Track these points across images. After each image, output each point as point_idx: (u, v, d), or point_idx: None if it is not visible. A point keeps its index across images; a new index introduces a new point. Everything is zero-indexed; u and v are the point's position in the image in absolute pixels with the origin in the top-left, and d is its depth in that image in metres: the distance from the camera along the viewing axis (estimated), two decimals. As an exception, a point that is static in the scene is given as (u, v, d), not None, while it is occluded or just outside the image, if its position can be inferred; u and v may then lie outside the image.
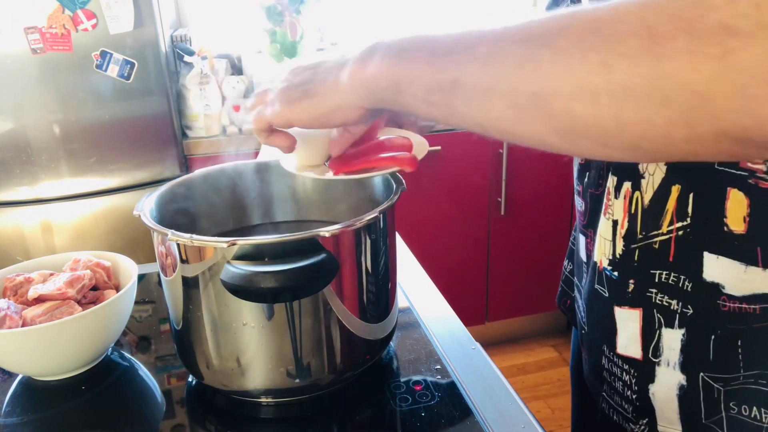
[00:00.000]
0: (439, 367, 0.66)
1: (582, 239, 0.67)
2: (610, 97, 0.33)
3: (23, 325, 0.64)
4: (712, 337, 0.53)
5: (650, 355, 0.57)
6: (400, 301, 0.80)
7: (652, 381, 0.57)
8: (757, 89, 0.28)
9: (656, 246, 0.55)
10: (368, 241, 0.58)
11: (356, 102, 0.46)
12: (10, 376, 0.69)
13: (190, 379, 0.67)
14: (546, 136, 0.37)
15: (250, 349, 0.57)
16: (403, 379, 0.64)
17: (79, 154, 1.70)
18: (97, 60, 1.64)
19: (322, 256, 0.53)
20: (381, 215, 0.58)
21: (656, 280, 0.56)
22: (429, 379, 0.64)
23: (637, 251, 0.57)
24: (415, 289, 0.84)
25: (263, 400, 0.62)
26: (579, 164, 0.66)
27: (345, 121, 0.48)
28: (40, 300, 0.67)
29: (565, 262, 0.77)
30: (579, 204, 0.67)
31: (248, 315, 0.56)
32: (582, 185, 0.66)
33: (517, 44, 0.36)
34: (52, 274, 0.72)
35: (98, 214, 1.76)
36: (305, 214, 0.78)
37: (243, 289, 0.52)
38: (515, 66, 0.36)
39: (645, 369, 0.58)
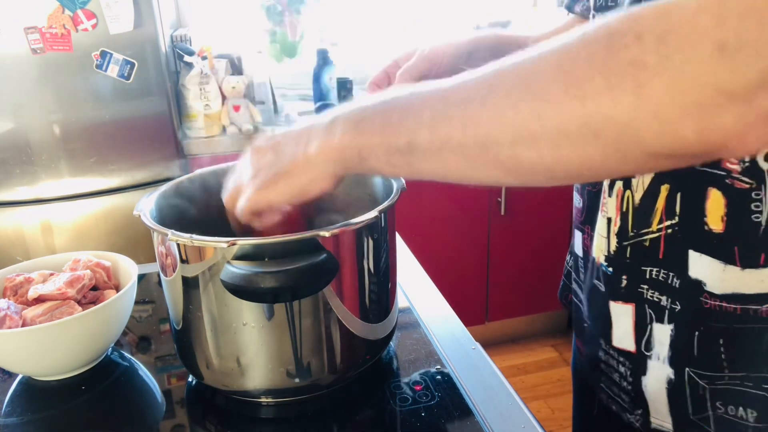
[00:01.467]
0: (439, 367, 0.66)
1: (578, 235, 0.68)
2: (546, 140, 0.36)
3: (23, 325, 0.64)
4: (696, 333, 0.55)
5: (643, 349, 0.59)
6: (400, 301, 0.80)
7: (645, 374, 0.59)
8: (671, 113, 0.32)
9: (647, 243, 0.57)
10: (368, 241, 0.58)
11: (329, 173, 0.49)
12: (10, 376, 0.69)
13: (190, 379, 0.67)
14: (501, 178, 0.41)
15: (250, 349, 0.57)
16: (403, 379, 0.64)
17: (79, 154, 1.70)
18: (97, 60, 1.64)
19: (322, 256, 0.53)
20: (381, 215, 0.58)
21: (647, 277, 0.57)
22: (429, 379, 0.64)
23: (629, 248, 0.58)
24: (415, 289, 0.84)
25: (263, 400, 0.62)
26: None
27: (322, 190, 0.51)
28: (40, 300, 0.67)
29: (568, 257, 0.78)
30: (577, 201, 0.69)
31: (248, 315, 0.56)
32: (580, 183, 0.67)
33: (456, 106, 0.40)
34: (52, 274, 0.72)
35: (98, 214, 1.76)
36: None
37: (243, 289, 0.52)
38: (460, 126, 0.39)
39: (638, 362, 0.60)
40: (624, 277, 0.59)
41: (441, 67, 0.71)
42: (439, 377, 0.64)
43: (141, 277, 0.87)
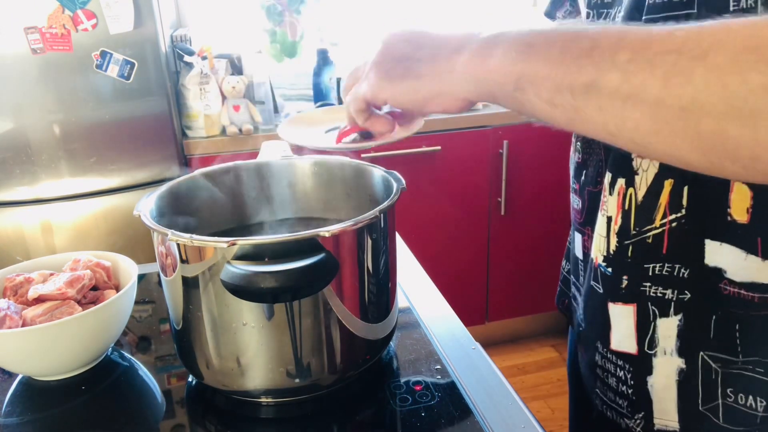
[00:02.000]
0: (439, 367, 0.66)
1: (578, 237, 0.68)
2: None
3: (23, 325, 0.64)
4: (713, 317, 0.54)
5: (646, 349, 0.58)
6: (400, 301, 0.80)
7: (650, 373, 0.59)
8: None
9: (649, 240, 0.57)
10: (368, 241, 0.58)
11: (463, 93, 0.43)
12: (10, 376, 0.69)
13: (190, 379, 0.67)
14: (686, 153, 0.35)
15: (250, 349, 0.57)
16: (403, 379, 0.64)
17: (79, 154, 1.70)
18: (97, 60, 1.64)
19: (322, 256, 0.53)
20: (381, 215, 0.58)
21: (650, 274, 0.57)
22: (429, 379, 0.64)
23: (630, 247, 0.58)
24: (415, 289, 0.84)
25: (263, 400, 0.62)
26: (576, 162, 0.67)
27: (443, 109, 0.45)
28: (40, 300, 0.67)
29: (563, 262, 0.78)
30: (575, 202, 0.68)
31: (248, 315, 0.56)
32: (579, 183, 0.67)
33: (665, 54, 0.34)
34: (52, 274, 0.72)
35: (98, 214, 1.76)
36: (305, 214, 0.78)
37: (243, 289, 0.52)
38: (663, 77, 0.34)
39: (641, 363, 0.59)
40: (624, 277, 0.59)
41: None
42: (439, 377, 0.64)
43: (141, 277, 0.87)
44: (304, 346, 0.57)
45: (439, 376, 0.64)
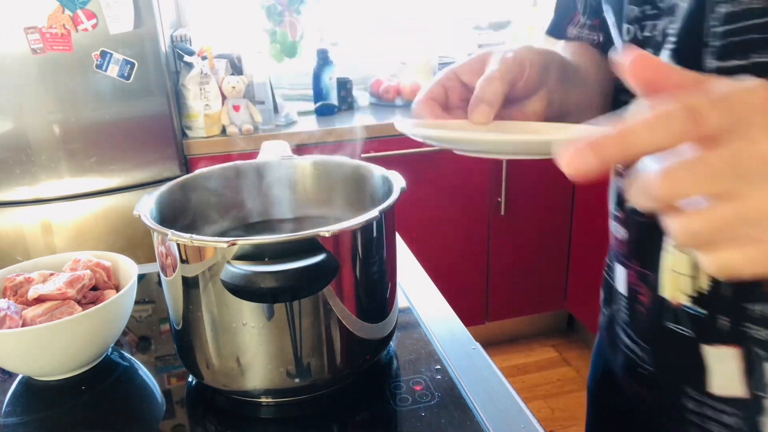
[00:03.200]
0: (439, 367, 0.66)
1: (621, 270, 0.62)
2: None
3: (23, 325, 0.64)
4: None
5: (756, 390, 0.53)
6: (400, 301, 0.80)
7: (761, 414, 0.53)
8: None
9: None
10: (368, 241, 0.58)
11: None
12: (10, 376, 0.69)
13: (190, 379, 0.67)
14: None
15: (250, 349, 0.57)
16: (403, 379, 0.64)
17: (79, 154, 1.70)
18: (97, 60, 1.64)
19: (322, 256, 0.53)
20: (381, 215, 0.58)
21: (752, 315, 0.52)
22: (429, 379, 0.64)
23: (726, 285, 0.52)
24: (415, 289, 0.84)
25: (263, 400, 0.62)
26: (619, 187, 0.62)
27: None
28: (40, 300, 0.67)
29: (602, 293, 0.70)
30: (618, 231, 0.62)
31: (248, 315, 0.56)
32: (624, 212, 0.61)
33: None
34: (52, 274, 0.72)
35: (98, 214, 1.76)
36: (305, 214, 0.78)
37: (243, 289, 0.52)
38: None
39: (753, 406, 0.54)
40: (723, 317, 0.53)
41: (527, 75, 0.56)
42: (439, 377, 0.64)
43: (141, 277, 0.87)
44: (304, 346, 0.57)
45: (439, 376, 0.64)
